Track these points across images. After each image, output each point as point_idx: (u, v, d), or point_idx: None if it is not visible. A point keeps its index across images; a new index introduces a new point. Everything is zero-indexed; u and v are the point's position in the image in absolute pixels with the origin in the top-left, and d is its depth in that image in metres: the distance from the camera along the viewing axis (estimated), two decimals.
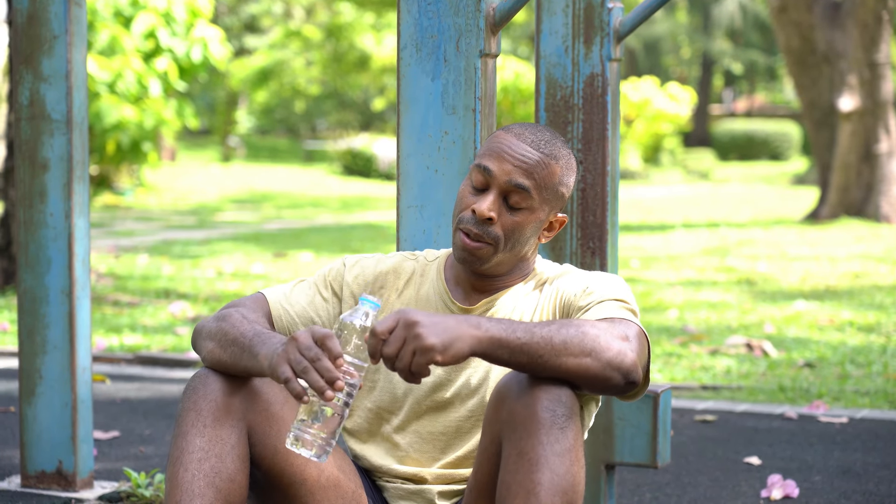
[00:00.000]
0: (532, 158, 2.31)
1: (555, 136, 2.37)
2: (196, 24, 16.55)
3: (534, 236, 2.36)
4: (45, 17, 3.53)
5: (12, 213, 7.86)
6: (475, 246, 2.31)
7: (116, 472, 3.89)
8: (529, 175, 2.30)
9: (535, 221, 2.34)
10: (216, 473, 2.19)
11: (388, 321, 2.05)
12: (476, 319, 2.08)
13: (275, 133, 37.34)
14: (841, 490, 3.80)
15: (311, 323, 2.41)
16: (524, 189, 2.30)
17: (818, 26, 15.11)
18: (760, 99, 42.86)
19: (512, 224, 2.32)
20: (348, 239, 13.19)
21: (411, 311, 2.05)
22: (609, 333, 2.13)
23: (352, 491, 2.34)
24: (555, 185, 2.34)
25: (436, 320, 2.05)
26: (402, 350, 2.03)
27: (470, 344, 2.05)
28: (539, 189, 2.31)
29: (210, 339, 2.27)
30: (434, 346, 2.02)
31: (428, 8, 2.81)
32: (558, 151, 2.34)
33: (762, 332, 6.93)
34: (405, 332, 2.04)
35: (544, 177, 2.32)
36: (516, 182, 2.30)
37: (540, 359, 2.08)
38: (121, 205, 18.07)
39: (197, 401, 2.22)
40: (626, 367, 2.12)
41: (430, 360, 2.02)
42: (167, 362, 6.00)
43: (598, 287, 2.29)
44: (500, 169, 2.31)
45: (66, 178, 3.54)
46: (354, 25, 31.19)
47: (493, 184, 2.31)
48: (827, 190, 15.45)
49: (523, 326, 2.09)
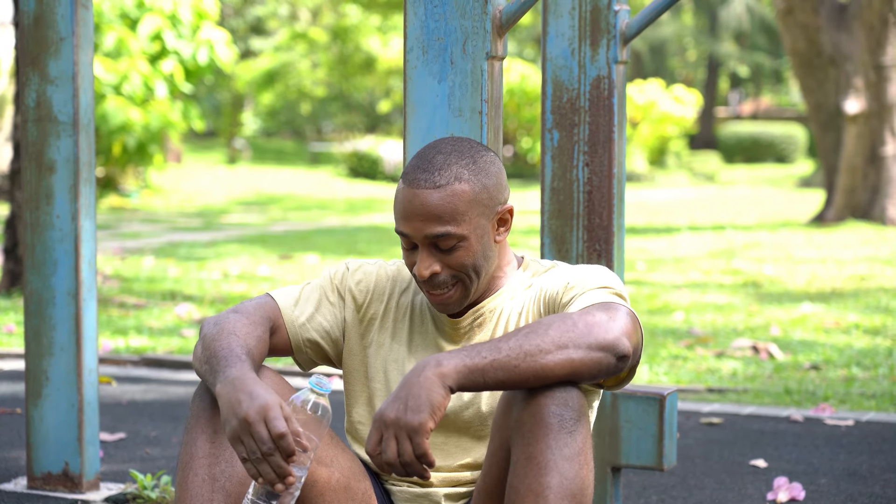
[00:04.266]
0: (432, 201, 2.24)
1: (447, 157, 2.28)
2: (202, 27, 16.58)
3: (489, 249, 2.31)
4: (51, 19, 3.53)
5: (19, 215, 7.87)
6: (444, 297, 2.30)
7: (122, 473, 3.90)
8: (439, 219, 2.24)
9: (479, 241, 2.29)
10: (226, 478, 2.19)
11: (372, 436, 2.06)
12: (437, 358, 2.07)
13: (280, 135, 37.37)
14: (847, 493, 3.79)
15: (320, 327, 2.41)
16: (442, 234, 2.25)
17: (824, 29, 15.10)
18: (766, 101, 42.83)
19: (457, 262, 2.28)
20: (354, 241, 13.20)
21: (384, 411, 2.05)
22: (584, 319, 2.11)
23: (362, 493, 2.34)
24: (473, 203, 2.27)
25: (404, 395, 2.04)
26: (399, 447, 2.04)
27: (440, 385, 2.04)
28: (457, 221, 2.25)
29: (201, 341, 2.27)
30: (421, 422, 2.02)
31: (434, 10, 2.81)
32: (456, 170, 2.26)
33: (768, 335, 6.93)
34: (391, 431, 2.04)
35: (456, 208, 2.25)
36: (433, 233, 2.25)
37: (516, 369, 2.06)
38: (127, 207, 18.08)
39: (206, 406, 2.22)
40: (610, 342, 2.09)
41: (425, 434, 2.03)
42: (173, 364, 6.00)
43: (579, 280, 2.27)
44: (412, 229, 2.27)
45: (72, 179, 3.54)
46: (360, 27, 31.21)
47: (416, 242, 2.28)
48: (833, 192, 15.43)
49: (488, 345, 2.08)
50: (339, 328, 2.43)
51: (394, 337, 2.42)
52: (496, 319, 2.36)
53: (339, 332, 2.44)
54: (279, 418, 2.03)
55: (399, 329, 2.42)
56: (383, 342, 2.42)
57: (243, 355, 2.18)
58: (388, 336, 2.42)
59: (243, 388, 2.08)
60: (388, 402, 2.06)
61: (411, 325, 2.41)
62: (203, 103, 28.89)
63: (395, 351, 2.41)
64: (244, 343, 2.22)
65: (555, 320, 2.10)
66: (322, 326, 2.42)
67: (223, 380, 2.12)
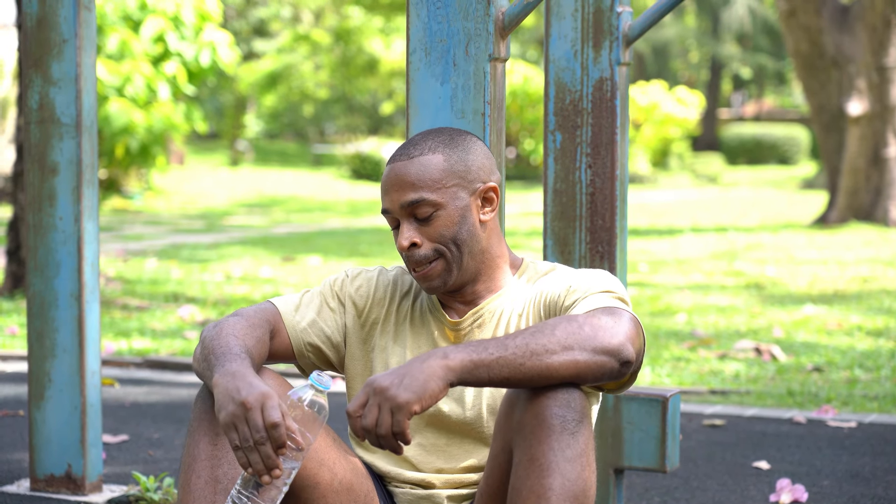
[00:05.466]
0: (406, 171, 2.30)
1: (425, 135, 2.35)
2: (205, 28, 16.58)
3: (472, 225, 2.33)
4: (54, 21, 3.53)
5: (21, 217, 7.88)
6: (426, 271, 2.32)
7: (125, 475, 3.90)
8: (413, 186, 2.29)
9: (458, 213, 2.31)
10: (229, 480, 2.20)
11: (358, 397, 2.05)
12: (444, 350, 2.06)
13: (283, 137, 37.39)
14: (850, 494, 3.79)
15: (321, 332, 2.42)
16: (417, 201, 2.29)
17: (827, 30, 15.09)
18: (769, 103, 42.83)
19: (436, 232, 2.30)
20: (357, 243, 13.20)
21: (378, 378, 2.05)
22: (589, 322, 2.11)
23: (364, 494, 2.34)
24: (448, 172, 2.31)
25: (402, 372, 2.04)
26: (380, 417, 2.03)
27: (443, 377, 2.04)
28: (431, 188, 2.29)
29: (200, 343, 2.28)
30: (408, 400, 2.01)
31: (437, 12, 2.81)
32: (431, 143, 2.32)
33: (771, 337, 6.92)
34: (377, 399, 2.04)
35: (430, 175, 2.29)
36: (407, 201, 2.29)
37: (522, 367, 2.06)
38: (129, 208, 18.09)
39: (208, 408, 2.23)
40: (615, 347, 2.10)
41: (408, 413, 2.02)
42: (176, 366, 6.00)
43: (581, 283, 2.27)
44: (390, 202, 2.31)
45: (75, 181, 3.54)
46: (363, 29, 31.24)
47: (397, 216, 2.32)
48: (835, 194, 15.43)
49: (495, 342, 2.08)
50: (340, 333, 2.44)
51: (395, 340, 2.42)
52: (496, 321, 2.36)
53: (341, 338, 2.44)
54: (276, 408, 2.04)
55: (400, 332, 2.43)
56: (385, 346, 2.43)
57: (242, 353, 2.19)
58: (389, 339, 2.43)
59: (243, 379, 2.09)
60: (386, 373, 2.06)
61: (412, 329, 2.42)
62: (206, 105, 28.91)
63: (397, 354, 2.41)
64: (243, 343, 2.23)
65: (561, 322, 2.11)
66: (323, 331, 2.42)
67: (221, 372, 2.13)
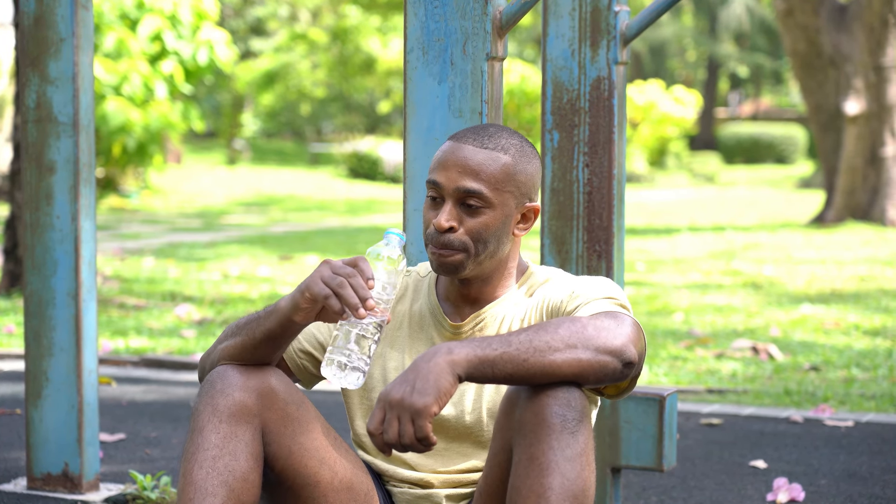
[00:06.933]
0: (475, 159, 2.29)
1: (500, 130, 2.34)
2: (202, 27, 16.58)
3: (505, 234, 2.33)
4: (51, 20, 3.53)
5: (18, 216, 7.88)
6: (445, 255, 2.30)
7: (122, 474, 3.90)
8: (476, 176, 2.28)
9: (501, 218, 2.31)
10: (230, 472, 2.19)
11: (375, 415, 2.06)
12: (448, 346, 2.07)
13: (280, 136, 37.37)
14: (847, 493, 3.79)
15: (313, 339, 2.42)
16: (474, 191, 2.28)
17: (824, 30, 15.10)
18: (766, 102, 42.83)
19: (476, 227, 2.29)
20: (354, 242, 13.19)
21: (390, 390, 2.06)
22: (594, 323, 2.12)
23: (364, 493, 2.34)
24: (510, 177, 2.30)
25: (412, 377, 2.05)
26: (401, 428, 2.04)
27: (450, 372, 2.05)
28: (492, 186, 2.29)
29: (221, 341, 2.28)
30: (426, 404, 2.02)
31: (435, 11, 2.81)
32: (505, 142, 2.32)
33: (768, 336, 6.93)
34: (394, 412, 2.04)
35: (494, 172, 2.29)
36: (465, 187, 2.28)
37: (525, 363, 2.07)
38: (127, 207, 18.08)
39: (214, 396, 2.22)
40: (618, 348, 2.10)
41: (429, 417, 2.03)
42: (173, 365, 6.00)
43: (583, 289, 2.28)
44: (446, 178, 2.29)
45: (72, 180, 3.54)
46: (360, 28, 31.22)
47: (444, 194, 2.30)
48: (833, 193, 15.43)
49: (499, 338, 2.09)
50: None
51: (392, 346, 2.42)
52: (498, 325, 2.36)
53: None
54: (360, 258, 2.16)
55: (397, 338, 2.42)
56: (382, 352, 2.42)
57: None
58: (386, 345, 2.42)
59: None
60: (394, 382, 2.06)
61: (410, 333, 2.42)
62: (203, 104, 28.88)
63: (395, 359, 2.40)
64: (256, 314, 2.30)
65: (564, 321, 2.12)
66: (316, 338, 2.42)
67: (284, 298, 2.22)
